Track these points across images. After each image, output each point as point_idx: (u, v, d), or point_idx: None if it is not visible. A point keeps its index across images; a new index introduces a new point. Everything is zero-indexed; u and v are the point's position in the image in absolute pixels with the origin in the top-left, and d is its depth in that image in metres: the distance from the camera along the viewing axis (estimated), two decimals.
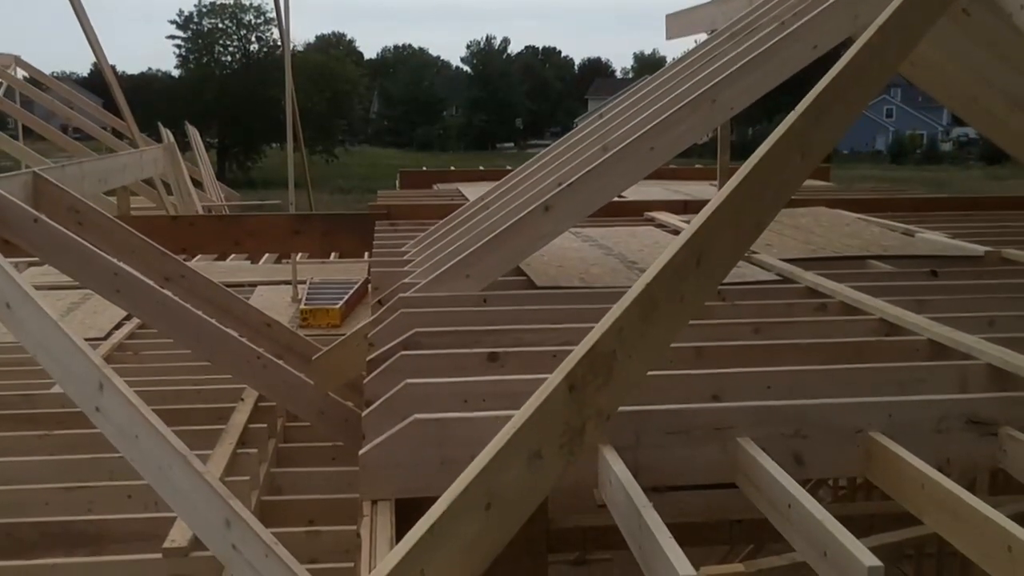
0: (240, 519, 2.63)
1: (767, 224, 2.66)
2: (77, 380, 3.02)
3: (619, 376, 2.17)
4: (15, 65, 16.11)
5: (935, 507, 2.17)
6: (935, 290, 4.00)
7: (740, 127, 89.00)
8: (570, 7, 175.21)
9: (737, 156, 5.71)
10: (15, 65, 16.11)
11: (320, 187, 31.80)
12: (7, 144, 11.84)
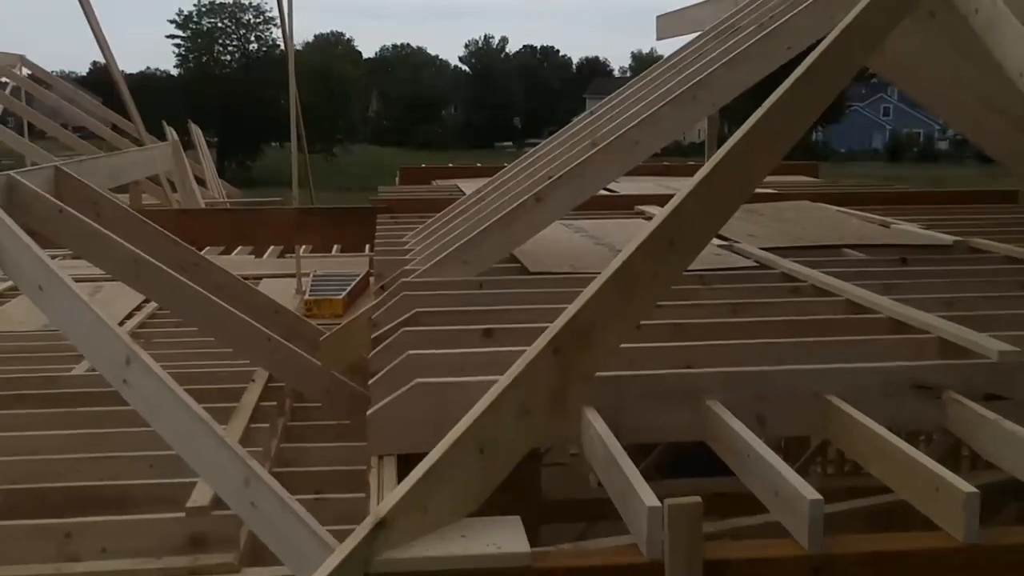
0: (258, 478, 2.89)
1: (735, 211, 2.93)
2: (105, 355, 3.28)
3: (598, 343, 2.44)
4: (20, 64, 16.39)
5: (879, 458, 2.43)
6: (903, 275, 4.27)
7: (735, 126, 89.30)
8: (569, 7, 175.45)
9: None
10: (20, 64, 16.39)
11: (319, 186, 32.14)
12: (15, 142, 12.10)
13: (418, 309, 3.52)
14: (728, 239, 5.14)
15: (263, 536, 2.95)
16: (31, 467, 3.84)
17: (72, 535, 3.27)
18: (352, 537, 1.97)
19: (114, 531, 3.31)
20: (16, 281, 3.64)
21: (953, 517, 2.10)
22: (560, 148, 4.89)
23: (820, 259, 4.56)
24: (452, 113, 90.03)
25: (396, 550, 1.99)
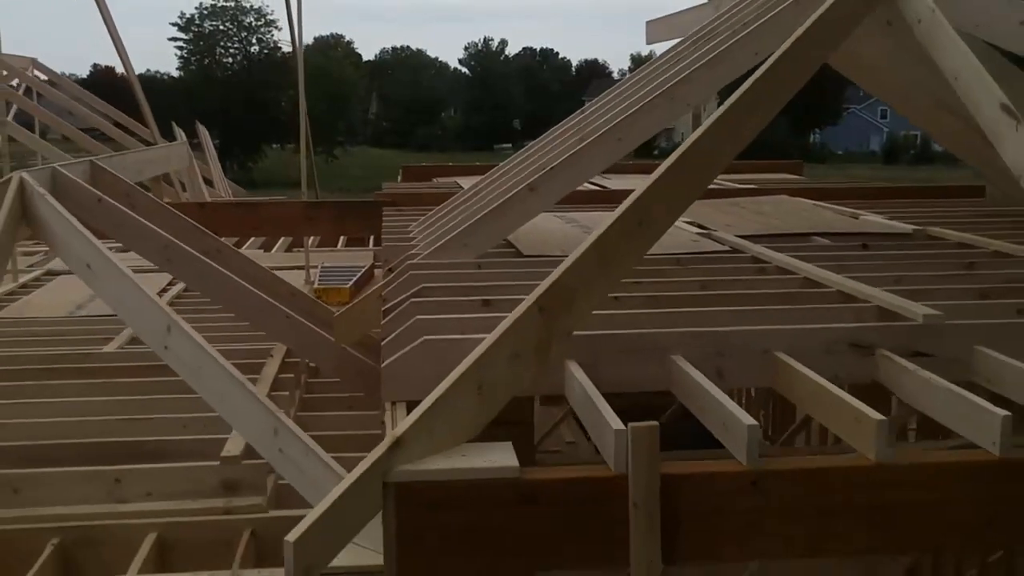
0: (285, 427, 3.34)
1: (697, 196, 3.38)
2: (148, 324, 3.72)
3: (577, 304, 2.88)
4: (32, 67, 16.83)
5: (815, 401, 2.88)
6: (861, 258, 4.72)
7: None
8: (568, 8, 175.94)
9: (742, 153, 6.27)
10: (32, 67, 16.83)
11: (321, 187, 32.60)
12: (33, 142, 12.54)
13: (423, 285, 3.97)
14: (707, 228, 5.60)
15: (289, 478, 3.39)
16: (79, 426, 4.29)
17: (121, 480, 3.71)
18: (372, 454, 2.42)
19: (157, 477, 3.75)
20: (66, 260, 4.08)
21: (867, 441, 2.54)
22: (551, 143, 5.34)
23: (789, 245, 5.00)
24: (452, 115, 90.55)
25: (408, 465, 2.44)
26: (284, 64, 55.91)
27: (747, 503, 2.50)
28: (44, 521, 3.48)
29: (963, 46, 3.78)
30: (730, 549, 2.54)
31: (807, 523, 2.52)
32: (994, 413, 2.56)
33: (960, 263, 4.58)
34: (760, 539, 2.53)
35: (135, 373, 5.01)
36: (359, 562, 3.10)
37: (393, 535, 2.42)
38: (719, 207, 6.50)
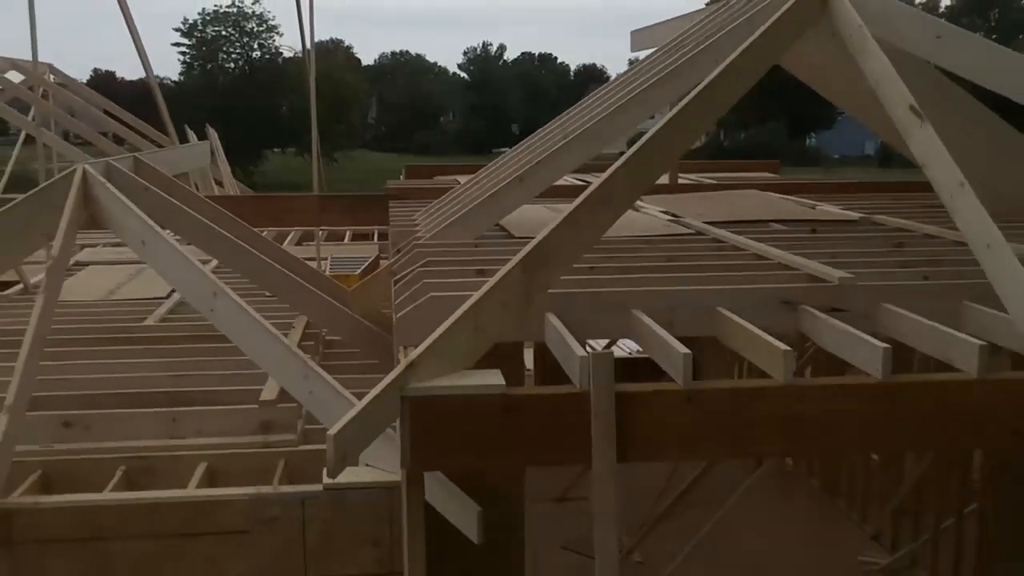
0: (314, 371, 4.03)
1: (654, 180, 4.08)
2: (197, 290, 4.42)
3: (553, 264, 3.59)
4: (48, 72, 17.55)
5: (744, 343, 3.59)
6: (808, 239, 5.43)
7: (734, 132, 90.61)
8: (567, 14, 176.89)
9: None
10: (48, 72, 17.55)
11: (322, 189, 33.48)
12: (61, 146, 13.22)
13: (428, 259, 4.68)
14: (678, 216, 6.31)
15: (318, 415, 4.09)
16: (135, 381, 4.99)
17: (176, 420, 4.41)
18: (392, 373, 3.11)
19: (206, 419, 4.46)
20: (123, 238, 4.78)
21: (777, 367, 3.25)
22: (539, 141, 6.05)
23: (748, 229, 5.71)
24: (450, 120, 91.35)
25: (419, 383, 3.14)
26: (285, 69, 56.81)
27: (683, 415, 3.20)
28: (113, 452, 4.17)
29: (883, 56, 4.48)
30: (670, 451, 3.25)
31: (731, 431, 3.22)
32: (876, 346, 3.26)
33: (891, 242, 5.29)
34: (693, 444, 3.23)
35: (175, 341, 5.71)
36: (378, 479, 3.81)
37: (408, 438, 3.12)
38: (692, 199, 7.22)
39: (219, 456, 4.15)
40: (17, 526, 3.64)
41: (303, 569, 3.76)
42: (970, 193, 3.84)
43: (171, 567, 3.72)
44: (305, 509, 3.72)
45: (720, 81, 4.24)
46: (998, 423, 3.31)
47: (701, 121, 4.17)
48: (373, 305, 5.55)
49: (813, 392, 3.25)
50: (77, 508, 3.66)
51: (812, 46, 5.34)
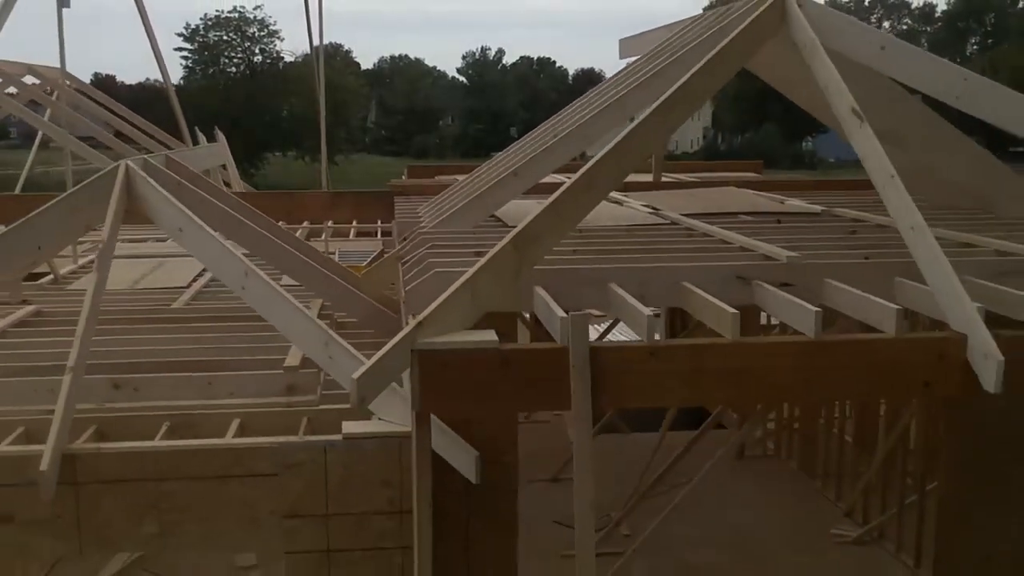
0: (333, 339, 4.64)
1: (628, 172, 4.70)
2: (230, 271, 5.02)
3: (540, 243, 4.21)
4: (62, 78, 18.14)
5: (702, 310, 4.21)
6: (771, 228, 6.06)
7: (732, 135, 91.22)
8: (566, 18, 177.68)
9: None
10: (62, 78, 18.14)
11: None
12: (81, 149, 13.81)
13: (432, 244, 5.30)
14: (658, 209, 6.94)
15: (336, 376, 4.70)
16: (173, 351, 5.60)
17: (212, 383, 5.03)
18: (403, 331, 3.73)
19: (238, 382, 5.07)
20: (161, 226, 5.39)
21: (726, 327, 3.87)
22: (531, 140, 6.68)
23: (719, 220, 6.34)
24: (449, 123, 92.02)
25: (427, 339, 3.75)
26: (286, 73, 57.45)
27: (646, 367, 3.81)
28: (157, 410, 4.77)
29: (831, 65, 5.10)
30: (636, 397, 3.87)
31: (687, 381, 3.84)
32: (809, 310, 3.89)
33: (845, 230, 5.92)
34: (655, 391, 3.85)
35: (202, 321, 6.32)
36: (389, 430, 4.42)
37: (417, 384, 3.74)
38: (673, 194, 7.85)
39: (250, 413, 4.75)
40: (80, 468, 4.24)
41: (324, 507, 4.35)
42: (899, 184, 4.47)
43: (210, 505, 4.32)
44: (327, 455, 4.32)
45: (690, 85, 4.87)
46: (911, 375, 3.94)
47: (672, 121, 4.80)
48: (381, 288, 6.17)
49: (756, 348, 3.88)
50: (131, 453, 4.26)
51: (774, 56, 5.97)
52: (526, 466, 4.94)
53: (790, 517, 9.69)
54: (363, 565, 4.43)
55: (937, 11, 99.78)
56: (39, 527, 4.26)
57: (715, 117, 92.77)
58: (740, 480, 10.70)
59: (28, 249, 5.20)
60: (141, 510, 4.31)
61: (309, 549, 4.40)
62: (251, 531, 4.38)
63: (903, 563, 8.56)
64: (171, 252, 10.24)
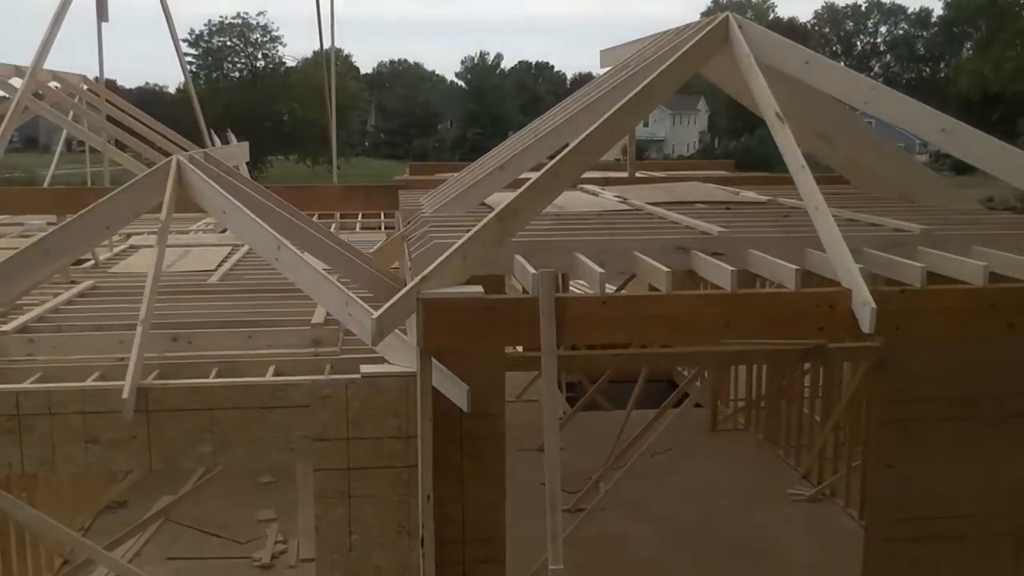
0: (352, 299, 5.70)
1: (590, 165, 5.80)
2: (264, 244, 6.10)
3: (519, 217, 5.30)
4: (82, 83, 19.19)
5: (647, 272, 5.30)
6: (719, 213, 7.15)
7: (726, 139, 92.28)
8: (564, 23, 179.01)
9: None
10: (82, 83, 19.19)
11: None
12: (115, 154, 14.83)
13: (432, 224, 6.40)
14: (626, 199, 8.04)
15: (354, 329, 5.77)
16: (215, 313, 6.69)
17: (252, 337, 6.11)
18: (409, 284, 4.81)
19: (273, 336, 6.15)
20: (207, 209, 6.47)
21: (661, 282, 4.96)
22: (517, 140, 7.79)
23: (677, 207, 7.43)
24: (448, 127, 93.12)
25: (428, 290, 4.84)
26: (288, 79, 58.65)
27: (599, 313, 4.90)
28: (208, 358, 5.85)
29: (761, 76, 6.20)
30: (591, 336, 4.96)
31: (630, 325, 4.92)
32: (727, 269, 4.99)
33: (781, 214, 7.02)
34: (605, 332, 4.94)
35: (238, 292, 7.41)
36: (397, 371, 5.49)
37: (421, 325, 4.83)
38: (644, 188, 8.96)
39: (283, 361, 5.82)
40: (151, 399, 5.28)
41: (346, 433, 5.41)
42: (807, 173, 5.58)
43: (255, 430, 5.37)
44: (348, 390, 5.37)
45: (645, 92, 5.98)
46: (808, 321, 5.04)
47: (628, 122, 5.90)
48: (388, 264, 7.26)
49: (684, 299, 4.97)
50: (192, 388, 5.31)
51: (723, 68, 7.09)
52: (518, 437, 5.98)
53: (754, 480, 10.80)
54: (377, 480, 5.49)
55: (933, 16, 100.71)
56: (119, 446, 5.33)
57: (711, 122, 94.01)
58: (712, 450, 11.82)
59: (99, 228, 6.28)
60: (199, 433, 5.36)
61: (334, 467, 5.46)
62: (287, 451, 5.44)
63: (849, 515, 9.67)
64: (194, 243, 11.35)
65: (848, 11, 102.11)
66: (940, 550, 6.47)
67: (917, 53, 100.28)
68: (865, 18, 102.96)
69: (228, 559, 8.73)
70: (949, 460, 6.27)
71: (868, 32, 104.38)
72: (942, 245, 5.78)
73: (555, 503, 5.00)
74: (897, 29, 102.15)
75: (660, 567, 8.77)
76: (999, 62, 47.88)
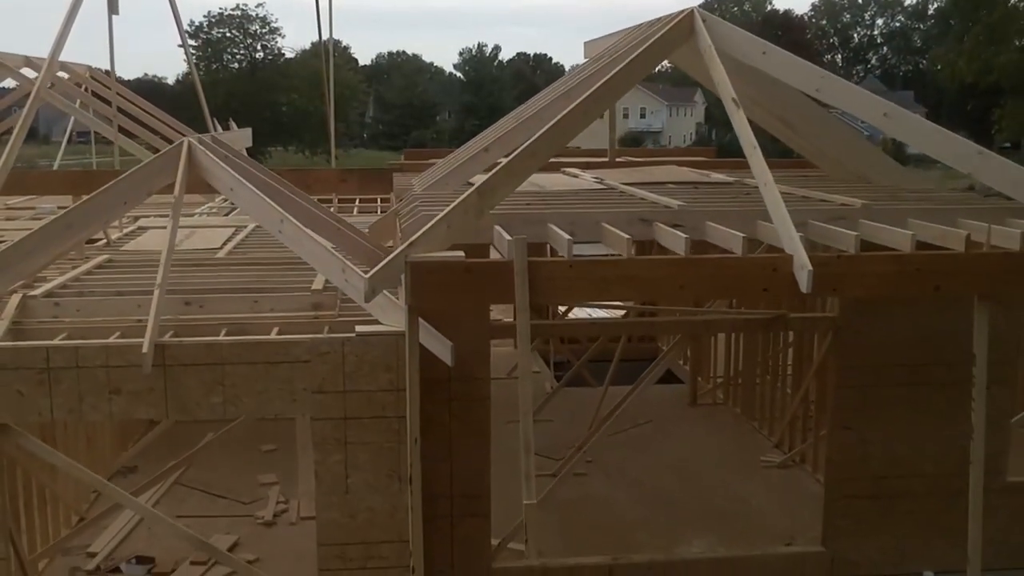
0: (348, 266, 6.32)
1: (560, 146, 6.41)
2: (269, 219, 6.72)
3: (497, 192, 5.92)
4: (88, 74, 19.75)
5: (612, 241, 5.92)
6: (688, 191, 7.77)
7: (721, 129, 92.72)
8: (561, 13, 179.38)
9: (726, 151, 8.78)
10: (88, 74, 19.75)
11: None
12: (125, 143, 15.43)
13: (421, 199, 7.02)
14: (603, 179, 8.66)
15: (350, 293, 6.39)
16: (224, 281, 7.32)
17: (258, 301, 6.74)
18: (398, 248, 5.43)
19: (277, 300, 6.77)
20: (216, 186, 7.09)
21: (622, 248, 5.58)
22: (501, 124, 8.40)
23: (648, 187, 8.05)
24: (446, 119, 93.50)
25: (415, 255, 5.46)
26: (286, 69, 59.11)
27: (566, 275, 5.52)
28: (218, 320, 6.47)
29: (720, 65, 6.81)
30: (559, 296, 5.59)
31: (594, 285, 5.54)
32: (681, 237, 5.60)
33: (743, 193, 7.64)
34: (573, 292, 5.56)
35: (244, 264, 8.05)
36: (388, 330, 6.10)
37: (409, 285, 5.45)
38: (622, 171, 9.57)
39: (286, 323, 6.44)
40: (168, 355, 5.89)
41: (343, 385, 6.02)
42: (759, 153, 6.19)
43: (262, 382, 5.97)
44: (344, 347, 5.98)
45: (614, 80, 6.60)
46: (753, 283, 5.66)
47: (599, 107, 6.52)
48: (382, 239, 7.88)
49: (642, 262, 5.61)
50: (204, 344, 5.94)
51: (690, 60, 7.71)
52: (507, 410, 6.53)
53: (729, 449, 11.40)
54: (371, 428, 6.10)
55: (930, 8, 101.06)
56: (139, 397, 5.94)
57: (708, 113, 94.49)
58: (691, 422, 12.42)
59: (117, 203, 6.89)
60: (211, 386, 5.98)
61: (332, 416, 6.08)
62: (290, 402, 6.06)
63: (816, 480, 10.26)
64: (198, 224, 11.96)
65: (845, 3, 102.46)
66: (895, 506, 7.11)
67: (914, 45, 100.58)
68: (862, 11, 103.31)
69: (233, 517, 9.35)
70: (903, 422, 6.90)
71: (865, 24, 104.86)
72: (881, 218, 6.41)
73: (528, 446, 5.63)
74: (894, 22, 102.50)
75: (638, 526, 9.38)
76: (972, 55, 48.79)
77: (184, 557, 7.58)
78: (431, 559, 6.00)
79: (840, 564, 7.15)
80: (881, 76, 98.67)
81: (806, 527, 7.93)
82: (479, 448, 6.51)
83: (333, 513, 6.16)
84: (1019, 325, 6.90)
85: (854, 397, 7.03)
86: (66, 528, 8.93)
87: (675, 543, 7.88)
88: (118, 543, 8.10)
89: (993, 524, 6.90)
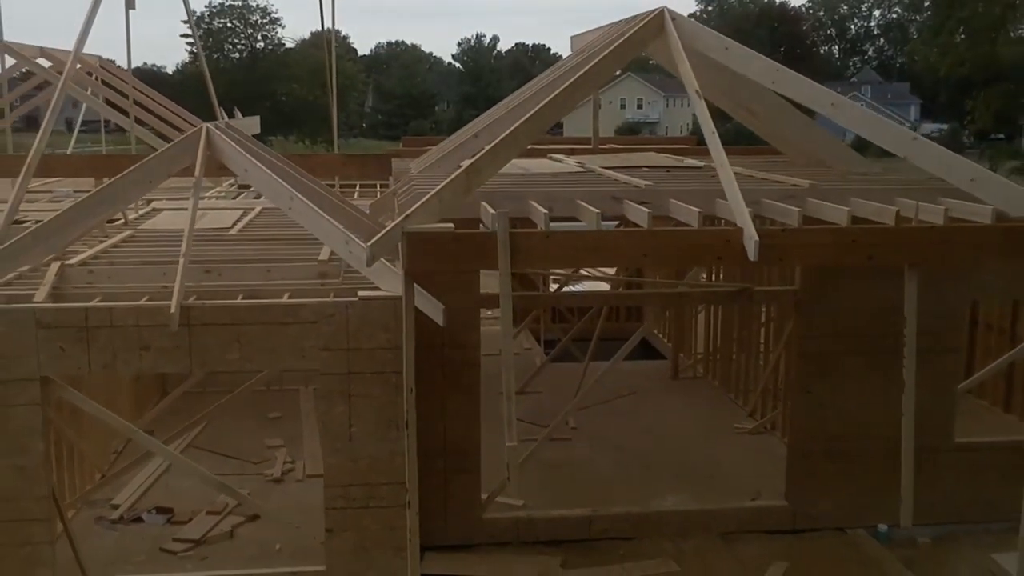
0: (352, 239, 7.08)
1: (537, 135, 7.17)
2: (279, 196, 7.48)
3: (483, 172, 6.69)
4: (99, 63, 20.43)
5: (585, 215, 6.69)
6: (659, 175, 8.54)
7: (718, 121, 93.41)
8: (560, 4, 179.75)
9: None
10: (99, 63, 20.43)
11: None
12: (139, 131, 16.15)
13: (417, 180, 7.79)
14: (584, 164, 9.43)
15: (353, 263, 7.16)
16: (239, 253, 8.09)
17: (271, 270, 7.52)
18: (396, 220, 6.20)
19: (287, 269, 7.55)
20: (231, 167, 7.86)
21: (592, 222, 6.35)
22: (490, 113, 9.17)
23: (624, 170, 8.82)
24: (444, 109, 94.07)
25: (411, 226, 6.23)
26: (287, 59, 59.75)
27: (543, 244, 6.29)
28: (235, 286, 7.24)
29: (686, 60, 7.56)
30: (538, 263, 6.36)
31: (567, 254, 6.31)
32: (643, 211, 6.38)
33: (709, 176, 8.41)
34: (549, 260, 6.34)
35: (256, 239, 8.83)
36: (387, 294, 6.88)
37: (406, 253, 6.22)
38: (603, 156, 10.35)
39: (296, 288, 7.23)
40: (192, 315, 6.64)
41: (347, 344, 6.78)
42: (716, 138, 6.96)
43: (274, 340, 6.72)
44: (348, 310, 6.73)
45: (588, 74, 7.36)
46: (708, 252, 6.44)
47: (574, 98, 7.28)
48: (382, 216, 8.66)
49: (610, 234, 6.38)
50: (224, 306, 6.70)
51: (663, 55, 8.47)
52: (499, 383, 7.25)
53: (705, 417, 12.18)
54: (371, 381, 6.86)
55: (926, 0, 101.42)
56: (166, 353, 6.70)
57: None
58: (672, 394, 13.20)
59: (143, 182, 7.64)
60: (229, 343, 6.74)
61: (336, 371, 6.84)
62: (299, 358, 6.82)
63: (784, 443, 11.03)
64: (210, 207, 12.71)
65: None
66: (851, 466, 7.84)
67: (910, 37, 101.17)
68: (859, 2, 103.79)
69: (243, 475, 10.14)
70: (858, 387, 7.60)
71: (862, 16, 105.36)
72: (827, 197, 7.19)
73: (510, 394, 6.40)
74: (890, 13, 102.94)
75: (617, 484, 10.16)
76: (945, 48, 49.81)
77: (199, 509, 8.35)
78: (426, 511, 6.75)
79: (801, 517, 7.86)
80: (877, 68, 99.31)
81: (773, 485, 8.54)
82: (469, 408, 7.29)
83: (338, 458, 6.91)
84: (968, 296, 7.61)
85: (813, 364, 7.76)
86: (90, 483, 9.71)
87: (650, 498, 8.52)
88: (139, 496, 8.86)
89: (943, 483, 7.61)
